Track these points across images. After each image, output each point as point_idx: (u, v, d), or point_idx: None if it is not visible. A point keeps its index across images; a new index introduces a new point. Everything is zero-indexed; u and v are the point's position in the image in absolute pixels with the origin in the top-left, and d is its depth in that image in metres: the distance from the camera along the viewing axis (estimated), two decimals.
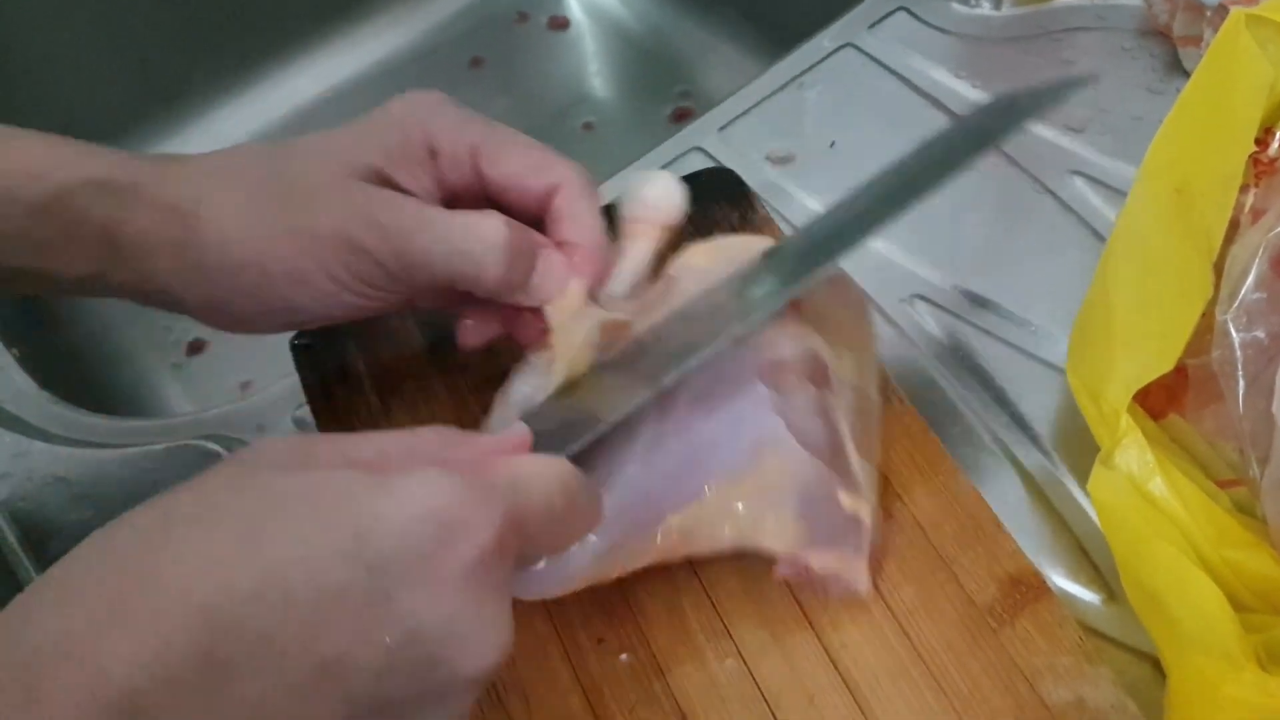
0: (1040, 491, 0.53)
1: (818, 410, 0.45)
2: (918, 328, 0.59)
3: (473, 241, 0.43)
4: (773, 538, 0.44)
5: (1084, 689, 0.43)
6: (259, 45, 0.96)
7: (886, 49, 0.72)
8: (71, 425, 0.60)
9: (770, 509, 0.44)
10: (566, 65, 0.99)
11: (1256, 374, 0.45)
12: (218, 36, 0.93)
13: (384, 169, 0.44)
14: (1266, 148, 0.50)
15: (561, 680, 0.45)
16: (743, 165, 0.65)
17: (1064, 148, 0.66)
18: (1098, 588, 0.50)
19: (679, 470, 0.44)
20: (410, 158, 0.45)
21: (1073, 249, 0.61)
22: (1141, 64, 0.70)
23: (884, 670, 0.44)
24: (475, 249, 0.43)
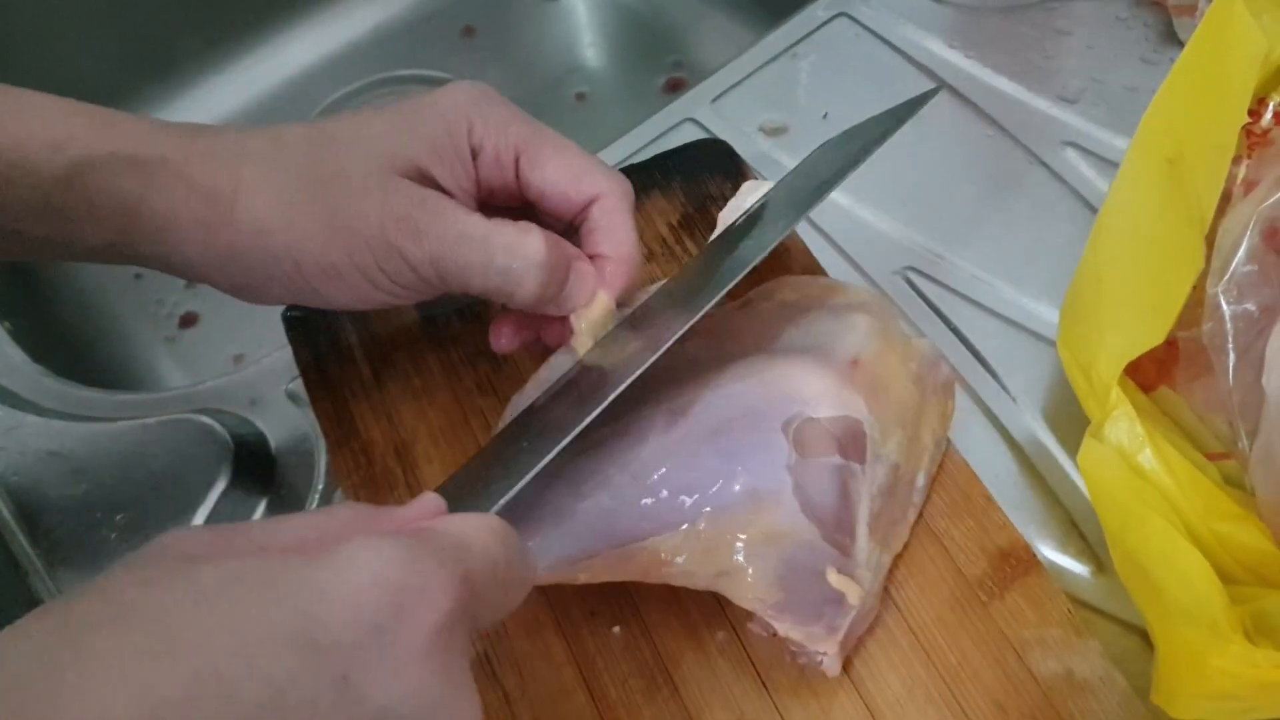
0: (1030, 464, 0.53)
1: (836, 480, 0.43)
2: (908, 298, 0.59)
3: (513, 259, 0.42)
4: (745, 592, 0.42)
5: (1073, 661, 0.44)
6: (250, 14, 0.95)
7: (880, 19, 0.72)
8: (64, 399, 0.60)
9: (751, 564, 0.42)
10: (559, 35, 0.99)
11: (1247, 347, 0.45)
12: (209, 5, 0.93)
13: (425, 165, 0.44)
14: (1259, 119, 0.50)
15: (555, 653, 0.45)
16: (736, 136, 0.65)
17: (1057, 118, 0.66)
18: (1087, 560, 0.50)
19: (671, 493, 0.43)
20: (452, 155, 0.44)
21: (1064, 221, 0.61)
22: (1135, 33, 0.69)
23: (874, 641, 0.45)
24: (515, 267, 0.42)
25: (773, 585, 0.42)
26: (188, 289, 0.82)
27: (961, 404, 0.55)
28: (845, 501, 0.43)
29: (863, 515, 0.44)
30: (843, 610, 0.42)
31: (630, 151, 0.66)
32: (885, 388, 0.46)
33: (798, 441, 0.43)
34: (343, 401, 0.52)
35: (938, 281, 0.60)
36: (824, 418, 0.44)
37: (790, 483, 0.43)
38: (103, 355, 0.79)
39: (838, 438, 0.44)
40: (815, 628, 0.42)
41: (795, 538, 0.42)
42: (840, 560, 0.42)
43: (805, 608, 0.42)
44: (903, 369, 0.48)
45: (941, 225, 0.62)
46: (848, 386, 0.45)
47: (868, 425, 0.45)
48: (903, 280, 0.60)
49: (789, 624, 0.42)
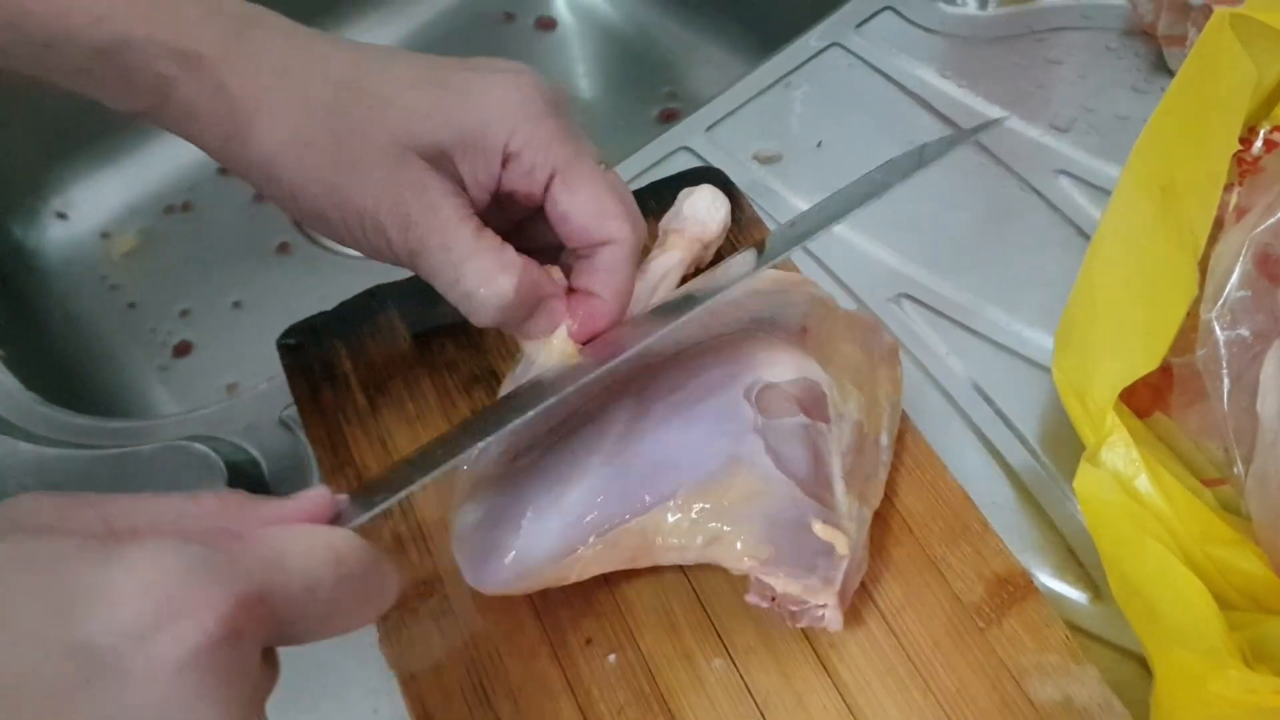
0: (1027, 490, 0.53)
1: (804, 438, 0.44)
2: (904, 327, 0.59)
3: (480, 287, 0.42)
4: (735, 553, 0.42)
5: (1071, 687, 0.44)
6: None
7: (873, 49, 0.72)
8: (57, 426, 0.60)
9: (735, 525, 0.43)
10: (553, 66, 0.99)
11: (1241, 372, 0.45)
12: None
13: (450, 152, 0.43)
14: (1250, 146, 0.50)
15: (551, 682, 0.45)
16: (730, 165, 0.65)
17: (1050, 147, 0.66)
18: (1084, 586, 0.50)
19: (645, 473, 0.44)
20: (480, 153, 0.43)
21: (1058, 248, 0.61)
22: (1126, 63, 0.70)
23: (872, 669, 0.44)
24: (478, 293, 0.42)
25: (761, 541, 0.42)
26: (182, 318, 0.82)
27: (957, 430, 0.55)
28: (817, 458, 0.44)
29: (837, 470, 0.45)
30: (835, 561, 0.43)
31: (626, 179, 0.66)
32: (836, 351, 0.48)
33: (761, 405, 0.45)
34: (337, 427, 0.52)
35: (932, 308, 0.60)
36: (783, 381, 0.45)
37: (761, 443, 0.44)
38: (96, 383, 0.79)
39: (799, 399, 0.45)
40: (811, 579, 0.42)
41: (774, 494, 0.43)
42: (823, 512, 0.43)
43: (797, 560, 0.42)
44: (849, 334, 0.50)
45: (936, 252, 0.62)
46: (801, 352, 0.47)
47: (826, 385, 0.46)
48: (897, 307, 0.60)
49: (784, 578, 0.42)
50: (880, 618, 0.46)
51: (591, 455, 0.45)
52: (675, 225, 0.54)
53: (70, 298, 0.84)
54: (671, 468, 0.44)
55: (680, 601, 0.47)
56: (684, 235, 0.53)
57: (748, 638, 0.45)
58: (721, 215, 0.54)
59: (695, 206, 0.54)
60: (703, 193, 0.54)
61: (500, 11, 1.01)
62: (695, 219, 0.54)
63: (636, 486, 0.44)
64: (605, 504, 0.43)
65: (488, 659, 0.46)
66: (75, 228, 0.88)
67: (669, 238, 0.53)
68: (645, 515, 0.43)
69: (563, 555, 0.43)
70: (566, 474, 0.44)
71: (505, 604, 0.47)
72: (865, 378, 0.49)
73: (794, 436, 0.44)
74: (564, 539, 0.43)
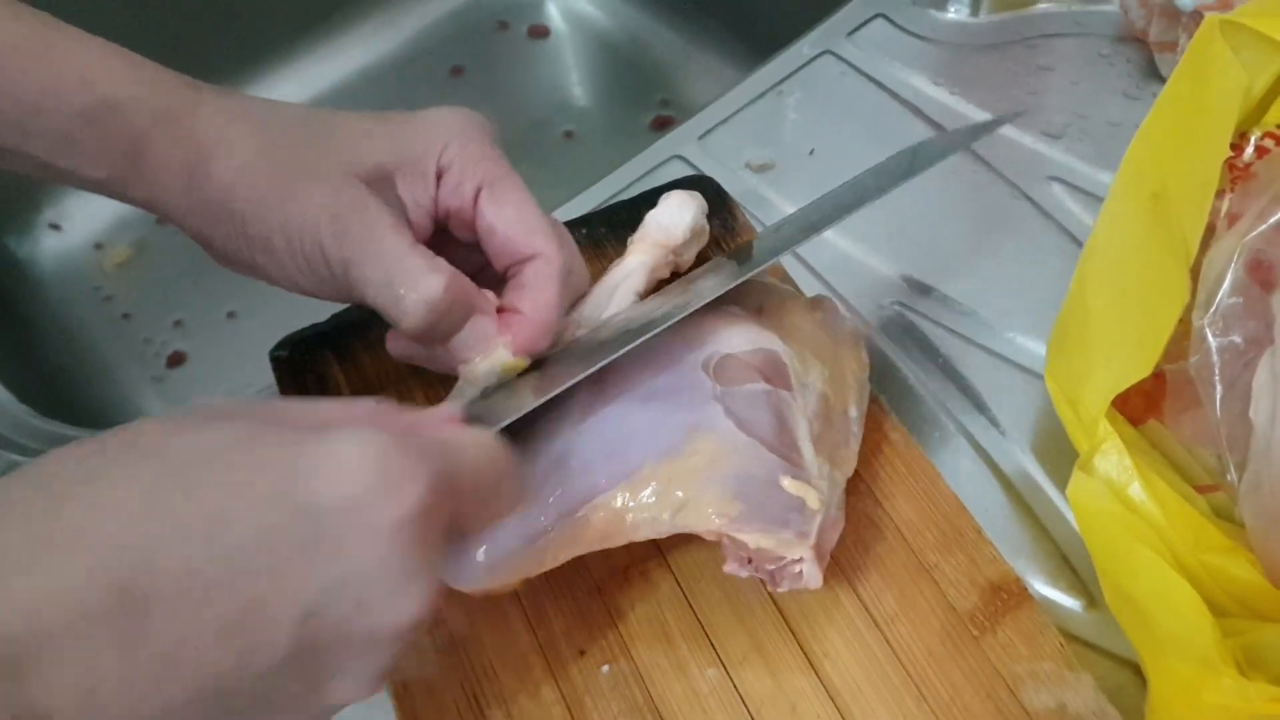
0: (1020, 497, 0.53)
1: (767, 403, 0.45)
2: (896, 333, 0.59)
3: (406, 288, 0.44)
4: (706, 514, 0.43)
5: (1065, 695, 0.43)
6: (241, 54, 0.96)
7: (865, 56, 0.72)
8: (51, 439, 0.60)
9: (703, 488, 0.43)
10: (547, 74, 0.99)
11: (1233, 379, 0.45)
12: (199, 45, 0.93)
13: (390, 172, 0.46)
14: (1241, 153, 0.50)
15: (544, 692, 0.45)
16: (723, 173, 0.65)
17: (1042, 154, 0.66)
18: (1078, 594, 0.50)
19: (608, 450, 0.44)
20: (416, 171, 0.46)
21: (1051, 255, 0.61)
22: (1118, 70, 0.70)
23: (865, 678, 0.44)
24: (405, 296, 0.44)
25: (730, 499, 0.43)
26: (175, 329, 0.82)
27: (950, 437, 0.55)
28: (782, 421, 0.45)
29: (804, 434, 0.45)
30: (807, 515, 0.43)
31: (618, 189, 0.66)
32: (795, 328, 0.49)
33: (718, 375, 0.45)
34: None
35: (925, 316, 0.60)
36: (741, 352, 0.46)
37: (720, 409, 0.44)
38: (90, 395, 0.79)
39: (758, 367, 0.46)
40: (785, 533, 0.42)
41: (740, 454, 0.44)
42: (791, 469, 0.44)
43: (769, 515, 0.43)
44: (809, 316, 0.51)
45: (929, 260, 0.62)
46: (755, 324, 0.48)
47: (785, 355, 0.47)
48: (890, 314, 0.60)
49: (757, 533, 0.42)
50: (874, 625, 0.45)
51: (552, 440, 0.45)
52: (639, 232, 0.54)
53: (64, 309, 0.84)
54: (633, 442, 0.44)
55: (673, 611, 0.46)
56: (646, 241, 0.53)
57: (741, 647, 0.45)
58: (688, 220, 0.54)
59: (659, 213, 0.54)
60: (669, 198, 0.54)
61: (494, 20, 1.02)
62: (658, 225, 0.53)
63: (599, 465, 0.44)
64: (568, 485, 0.44)
65: (481, 670, 0.46)
66: (69, 239, 0.88)
67: (634, 244, 0.53)
68: (611, 492, 0.43)
69: (532, 540, 0.43)
70: (528, 461, 0.44)
71: (498, 615, 0.47)
72: (828, 353, 0.49)
73: (755, 401, 0.45)
74: (533, 526, 0.43)
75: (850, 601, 0.46)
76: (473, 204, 0.47)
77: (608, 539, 0.44)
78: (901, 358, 0.58)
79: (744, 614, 0.46)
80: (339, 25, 0.99)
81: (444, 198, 0.47)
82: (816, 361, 0.48)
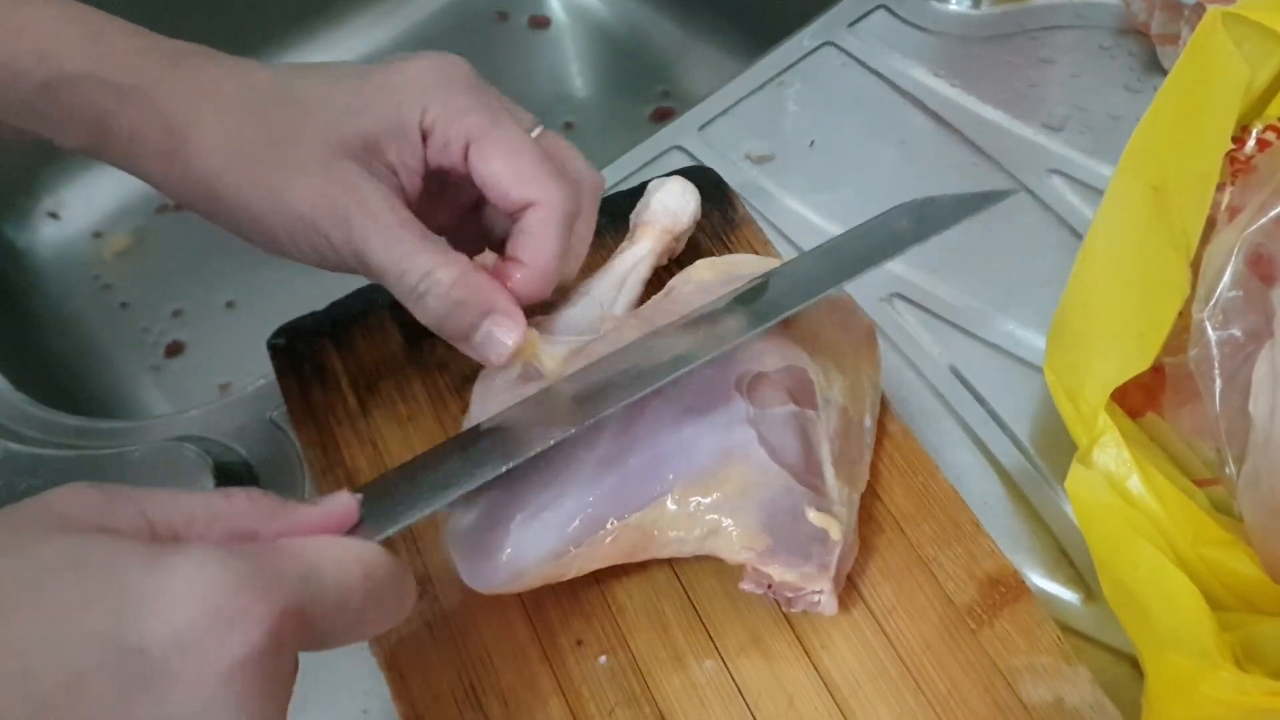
0: (1019, 490, 0.53)
1: (795, 427, 0.45)
2: (896, 326, 0.59)
3: (422, 282, 0.43)
4: (734, 545, 0.43)
5: (1063, 689, 0.43)
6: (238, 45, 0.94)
7: (866, 47, 0.72)
8: (48, 427, 0.60)
9: (733, 516, 0.43)
10: (547, 64, 0.99)
11: (1233, 372, 0.45)
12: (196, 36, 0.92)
13: (375, 139, 0.44)
14: (1243, 146, 0.50)
15: (541, 683, 0.45)
16: (723, 164, 0.65)
17: (1042, 146, 0.66)
18: (1076, 587, 0.50)
19: (640, 471, 0.44)
20: (401, 135, 0.45)
21: (1051, 248, 0.61)
22: (1120, 62, 0.70)
23: (863, 671, 0.44)
24: (421, 289, 0.43)
25: (759, 532, 0.43)
26: (174, 318, 0.82)
27: (949, 430, 0.55)
28: (808, 446, 0.45)
29: (826, 456, 0.45)
30: (829, 547, 0.43)
31: (618, 179, 0.66)
32: (816, 335, 0.48)
33: (752, 395, 0.45)
34: (327, 429, 0.52)
35: (924, 308, 0.60)
36: (771, 370, 0.46)
37: (754, 435, 0.44)
38: (88, 383, 0.79)
39: (788, 388, 0.45)
40: (807, 567, 0.43)
41: (770, 485, 0.43)
42: (816, 499, 0.44)
43: (794, 549, 0.43)
44: (828, 318, 0.50)
45: (927, 252, 0.61)
46: (785, 338, 0.47)
47: (812, 372, 0.46)
48: (889, 306, 0.60)
49: (781, 567, 0.43)
50: (872, 619, 0.45)
51: (587, 454, 0.44)
52: (645, 218, 0.53)
53: (62, 298, 0.84)
54: (667, 462, 0.44)
55: (671, 602, 0.46)
56: (654, 227, 0.53)
57: (739, 639, 0.45)
58: (692, 207, 0.54)
59: (665, 198, 0.54)
60: (672, 184, 0.54)
61: (494, 10, 1.01)
62: (665, 210, 0.53)
63: (633, 483, 0.44)
64: (602, 502, 0.43)
65: (478, 660, 0.45)
66: (67, 227, 0.87)
67: (638, 230, 0.53)
68: (643, 511, 0.43)
69: (560, 554, 0.43)
70: (562, 473, 0.44)
71: (496, 605, 0.46)
72: (847, 360, 0.49)
73: (785, 425, 0.45)
74: (561, 538, 0.43)
75: (848, 594, 0.46)
76: (463, 161, 0.45)
77: (632, 555, 0.44)
78: (900, 350, 0.58)
79: (742, 606, 0.46)
80: (337, 16, 0.99)
81: (433, 157, 0.45)
82: (838, 374, 0.48)
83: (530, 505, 0.44)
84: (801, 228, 0.64)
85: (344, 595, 0.32)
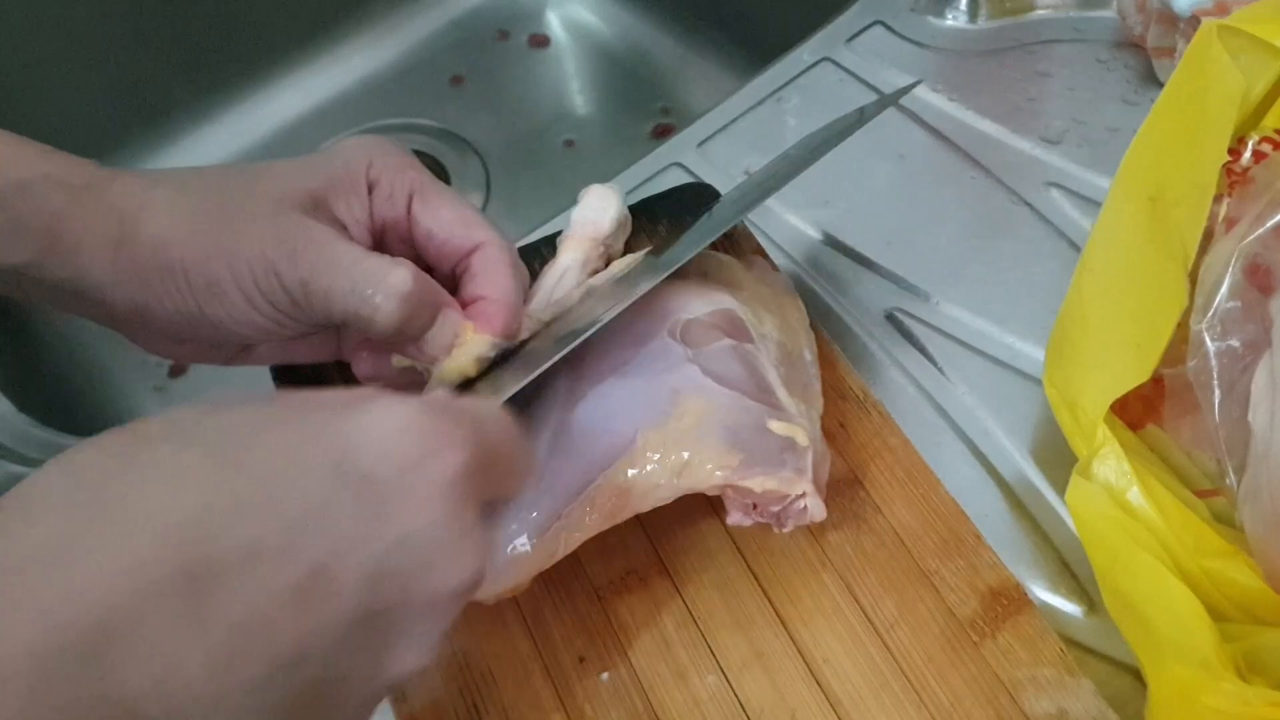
0: (1020, 503, 0.53)
1: (736, 356, 0.47)
2: (895, 340, 0.59)
3: (375, 286, 0.43)
4: (708, 469, 0.44)
5: (1066, 701, 0.43)
6: (242, 64, 0.96)
7: (864, 63, 0.72)
8: (51, 449, 0.60)
9: (697, 444, 0.44)
10: (547, 83, 0.99)
11: (1232, 383, 0.45)
12: (201, 55, 0.93)
13: (323, 195, 0.46)
14: (1239, 157, 0.50)
15: (543, 699, 0.45)
16: (723, 180, 0.65)
17: (1040, 159, 0.66)
18: (1078, 599, 0.50)
19: (598, 430, 0.45)
20: (348, 188, 0.46)
21: (1049, 260, 0.61)
22: (1117, 75, 0.70)
23: (865, 685, 0.44)
24: (375, 294, 0.43)
25: (728, 450, 0.44)
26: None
27: (950, 443, 0.55)
28: (753, 371, 0.47)
29: (775, 379, 0.47)
30: (800, 452, 0.45)
31: None
32: (740, 286, 0.51)
33: (685, 339, 0.47)
34: None
35: (924, 321, 0.60)
36: (701, 314, 0.48)
37: (697, 369, 0.46)
38: (91, 404, 0.79)
39: (719, 326, 0.48)
40: (785, 471, 0.44)
41: (727, 407, 0.45)
42: (774, 412, 0.46)
43: (767, 458, 0.44)
44: (746, 274, 0.53)
45: (927, 266, 0.62)
46: (707, 286, 0.50)
47: (740, 311, 0.49)
48: (889, 321, 0.60)
49: (760, 477, 0.44)
50: (874, 632, 0.45)
51: (542, 429, 0.46)
52: (567, 231, 0.54)
53: (65, 318, 0.84)
54: (622, 416, 0.45)
55: (673, 618, 0.46)
56: (574, 239, 0.53)
57: (741, 653, 0.45)
58: (613, 213, 0.54)
59: (583, 210, 0.54)
60: (591, 194, 0.55)
61: (494, 30, 1.02)
62: (584, 221, 0.54)
63: (593, 444, 0.45)
64: (568, 469, 0.44)
65: (480, 677, 0.46)
66: None
67: (563, 243, 0.53)
68: (613, 468, 0.44)
69: (545, 529, 0.43)
70: None
71: (497, 622, 0.47)
72: (773, 304, 0.52)
73: (725, 356, 0.47)
74: (544, 514, 0.44)
75: (850, 608, 0.46)
76: (406, 213, 0.47)
77: (617, 515, 0.44)
78: (900, 364, 0.58)
79: (743, 620, 0.46)
80: (339, 35, 0.99)
81: (379, 210, 0.47)
82: (766, 313, 0.50)
83: None
84: (800, 242, 0.64)
85: (501, 438, 0.35)
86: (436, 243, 0.47)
